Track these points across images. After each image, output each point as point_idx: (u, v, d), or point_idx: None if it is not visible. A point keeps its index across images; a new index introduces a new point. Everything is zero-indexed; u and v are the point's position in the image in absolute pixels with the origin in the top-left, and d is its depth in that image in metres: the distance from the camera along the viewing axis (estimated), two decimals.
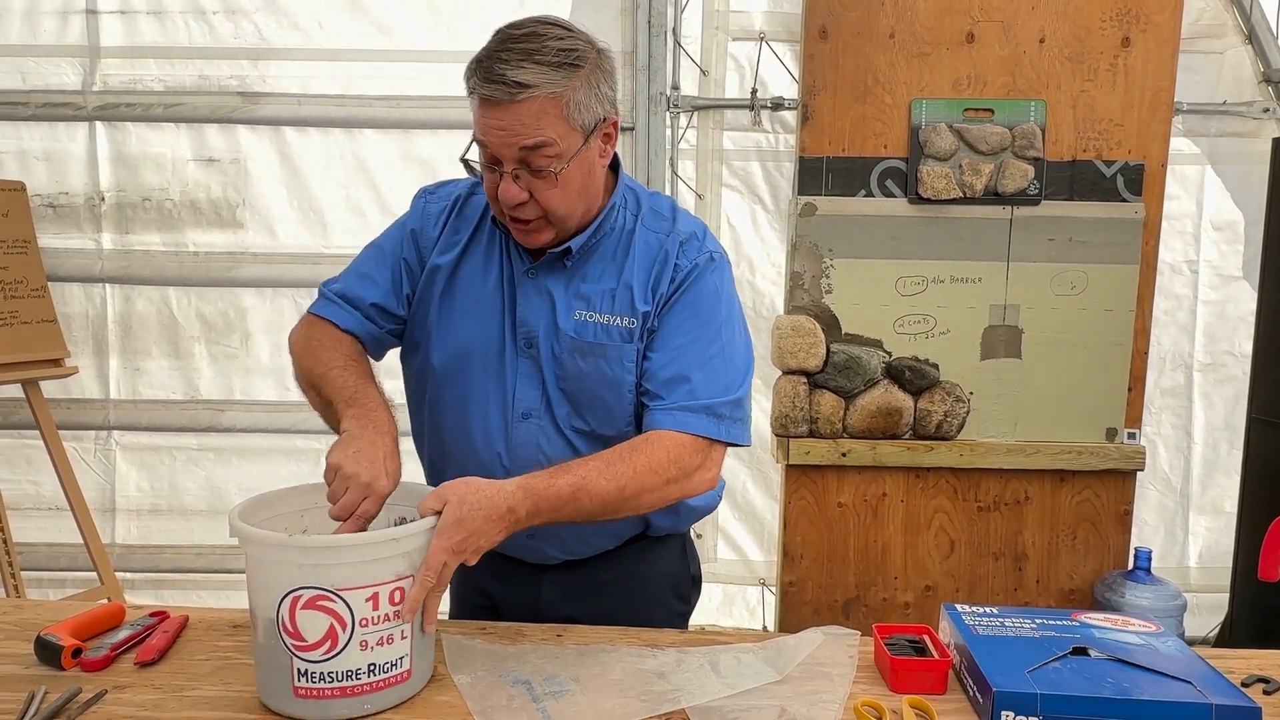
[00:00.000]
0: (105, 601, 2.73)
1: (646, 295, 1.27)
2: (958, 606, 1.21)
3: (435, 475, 1.39)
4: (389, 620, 1.04)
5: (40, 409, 2.74)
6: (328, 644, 1.02)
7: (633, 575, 1.36)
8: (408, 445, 1.33)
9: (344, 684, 1.03)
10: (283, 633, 1.02)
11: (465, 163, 1.24)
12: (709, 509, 1.46)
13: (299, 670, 1.02)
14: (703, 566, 1.58)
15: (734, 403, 1.27)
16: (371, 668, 1.04)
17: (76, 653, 1.14)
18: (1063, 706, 0.97)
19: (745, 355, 1.32)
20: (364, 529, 1.11)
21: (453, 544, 1.06)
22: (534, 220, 1.21)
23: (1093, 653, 1.07)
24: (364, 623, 1.02)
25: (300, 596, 1.00)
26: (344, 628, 1.02)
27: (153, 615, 1.26)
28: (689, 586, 1.51)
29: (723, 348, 1.28)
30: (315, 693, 1.03)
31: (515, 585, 1.41)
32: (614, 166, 1.34)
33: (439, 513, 1.07)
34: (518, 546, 1.31)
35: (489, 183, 1.21)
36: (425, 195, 1.40)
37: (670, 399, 1.24)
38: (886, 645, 1.15)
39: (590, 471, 1.16)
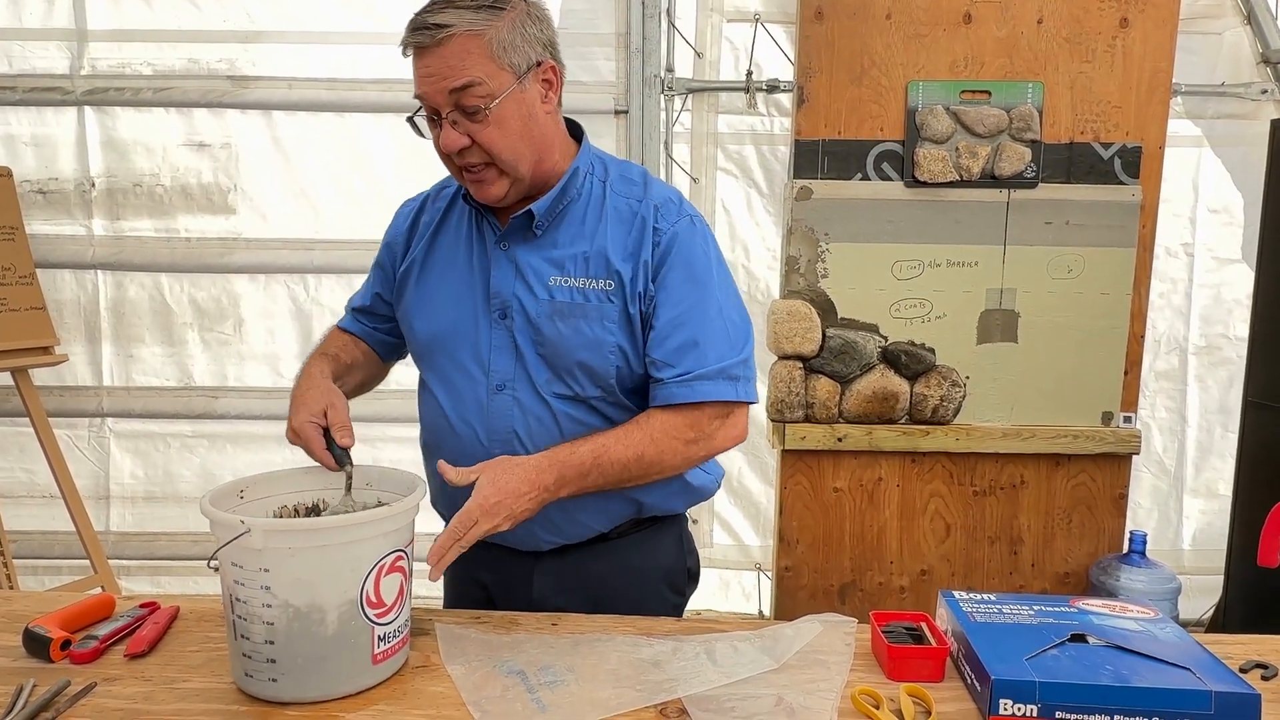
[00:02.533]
0: (99, 590, 2.75)
1: (626, 258, 1.28)
2: (955, 593, 1.20)
3: (429, 460, 1.40)
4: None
5: (30, 397, 2.72)
6: (399, 602, 1.10)
7: (626, 567, 1.36)
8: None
9: (403, 632, 1.12)
10: (365, 607, 1.05)
11: (411, 121, 1.26)
12: (707, 493, 1.46)
13: (379, 637, 1.07)
14: (699, 551, 1.57)
15: (744, 361, 1.30)
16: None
17: (65, 645, 1.13)
18: (1062, 694, 0.96)
19: (742, 312, 1.35)
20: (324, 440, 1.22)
21: (488, 503, 1.14)
22: (480, 167, 1.23)
23: (1091, 639, 1.07)
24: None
25: (386, 563, 1.06)
26: (407, 579, 1.12)
27: (143, 606, 1.25)
28: (684, 579, 1.49)
29: (721, 308, 1.30)
30: (390, 651, 1.09)
31: (509, 575, 1.40)
32: (577, 135, 1.37)
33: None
34: (511, 534, 1.29)
35: (435, 139, 1.24)
36: (401, 207, 1.48)
37: (682, 366, 1.26)
38: (884, 633, 1.14)
39: (608, 439, 1.24)
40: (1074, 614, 1.14)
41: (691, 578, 1.51)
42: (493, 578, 1.42)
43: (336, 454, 1.22)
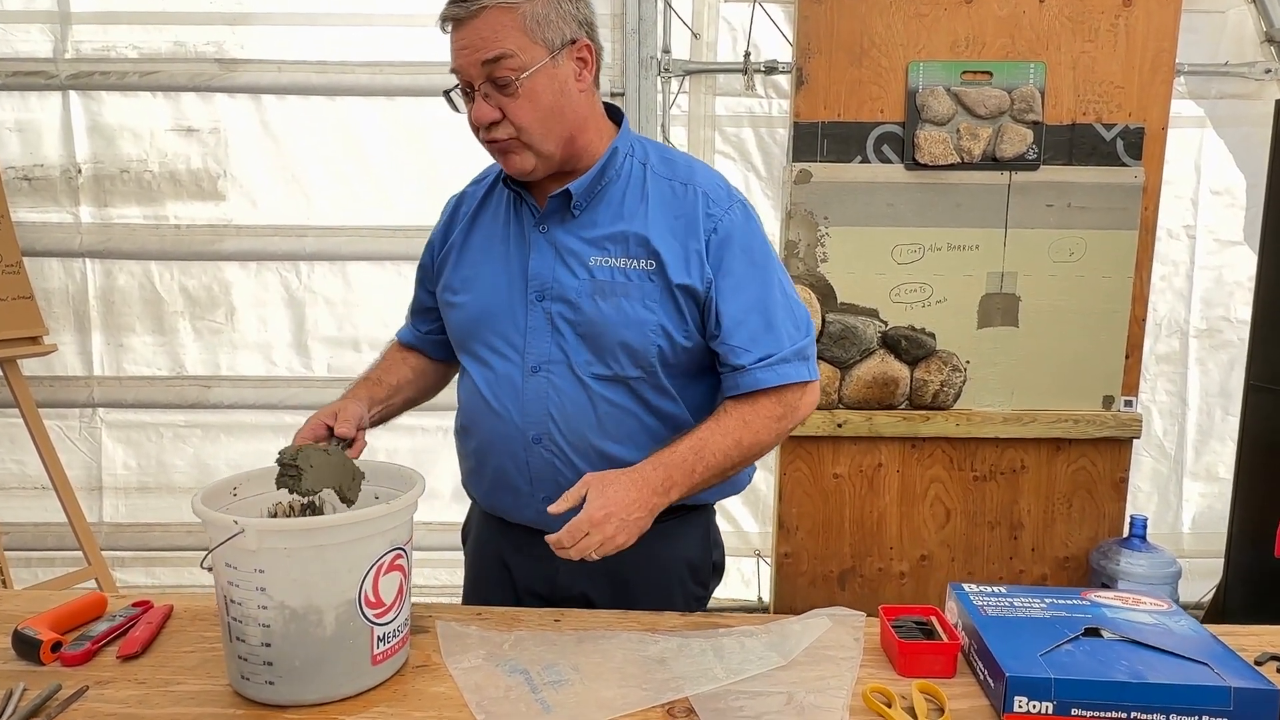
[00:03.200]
0: (93, 583, 2.73)
1: (669, 239, 1.28)
2: (965, 586, 1.18)
3: (463, 444, 1.42)
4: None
5: (19, 387, 2.67)
6: (398, 601, 1.07)
7: (652, 557, 1.32)
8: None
9: (403, 631, 1.10)
10: (364, 607, 1.02)
11: (447, 95, 1.26)
12: (740, 485, 1.45)
13: (379, 637, 1.05)
14: None
15: (813, 340, 1.35)
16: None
17: (56, 646, 1.10)
18: (1077, 691, 0.94)
19: (796, 293, 1.38)
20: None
21: (597, 516, 1.14)
22: (508, 140, 1.23)
23: (1105, 634, 1.05)
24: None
25: (384, 562, 1.04)
26: (407, 577, 1.09)
27: (136, 605, 1.23)
28: (709, 572, 1.47)
29: (784, 290, 1.33)
30: (390, 651, 1.07)
31: (533, 557, 1.37)
32: (616, 119, 1.37)
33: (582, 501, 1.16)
34: (534, 514, 1.32)
35: (468, 113, 1.24)
36: (445, 204, 1.49)
37: (760, 351, 1.28)
38: (894, 628, 1.12)
39: (704, 432, 1.26)
40: (1087, 607, 1.12)
41: (716, 571, 1.50)
42: (518, 559, 1.41)
43: (333, 441, 1.21)
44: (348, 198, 2.90)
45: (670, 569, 1.39)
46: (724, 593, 3.17)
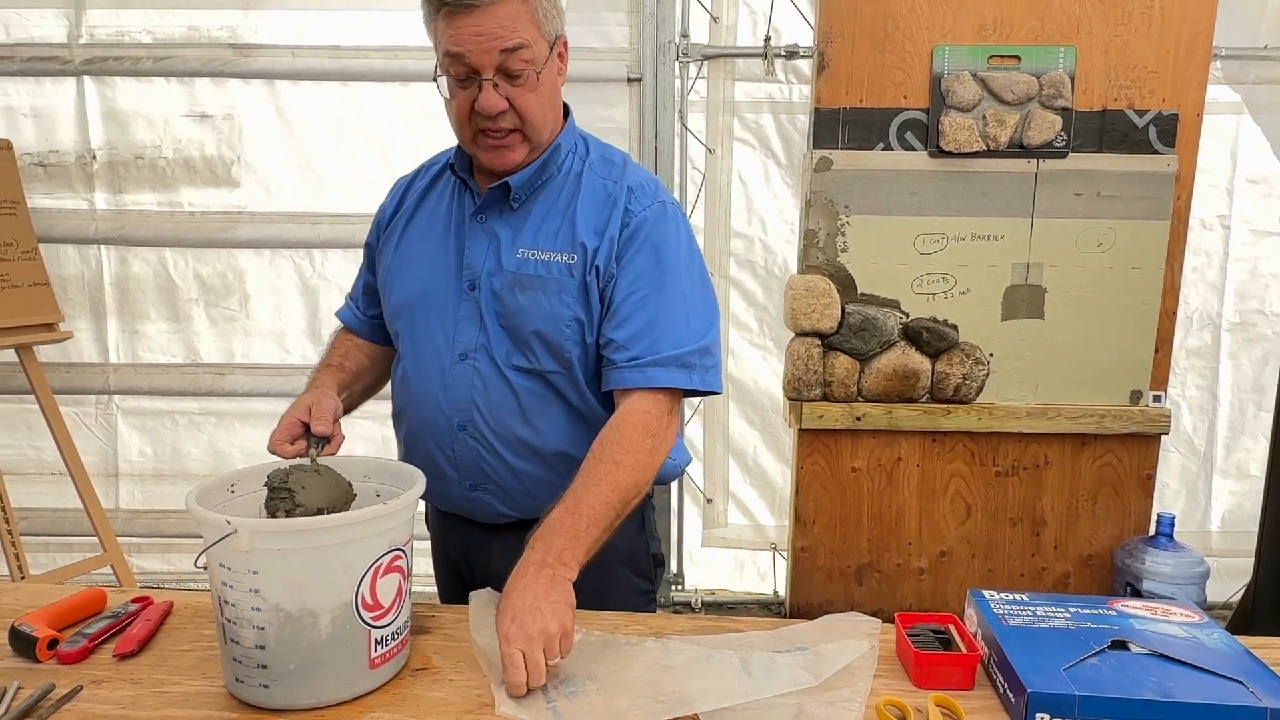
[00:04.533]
0: (109, 570, 2.73)
1: (591, 235, 1.28)
2: (985, 593, 1.14)
3: (400, 427, 1.42)
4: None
5: (35, 374, 2.68)
6: (397, 603, 1.04)
7: None
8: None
9: (402, 633, 1.07)
10: (361, 610, 1.00)
11: (438, 83, 1.25)
12: (670, 477, 1.43)
13: (376, 640, 1.02)
14: (714, 531, 1.54)
15: (702, 350, 1.28)
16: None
17: (53, 644, 1.08)
18: (1103, 709, 0.90)
19: (709, 301, 1.33)
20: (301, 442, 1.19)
21: (510, 634, 1.03)
22: (510, 133, 1.24)
23: (1133, 646, 1.00)
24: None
25: (382, 564, 1.01)
26: (406, 579, 1.07)
27: (135, 601, 1.21)
28: (648, 563, 1.48)
29: (685, 296, 1.29)
30: (388, 654, 1.04)
31: (473, 546, 1.41)
32: (565, 112, 1.37)
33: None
34: (468, 504, 1.34)
35: (461, 101, 1.22)
36: (394, 184, 1.49)
37: (636, 350, 1.25)
38: (910, 636, 1.08)
39: (576, 488, 1.18)
40: (1113, 618, 1.07)
41: (657, 562, 1.50)
42: (459, 550, 1.43)
43: (310, 441, 1.18)
44: (361, 185, 2.88)
45: (606, 559, 1.34)
46: (740, 586, 3.14)
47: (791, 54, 2.73)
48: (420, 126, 2.83)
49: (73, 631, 1.13)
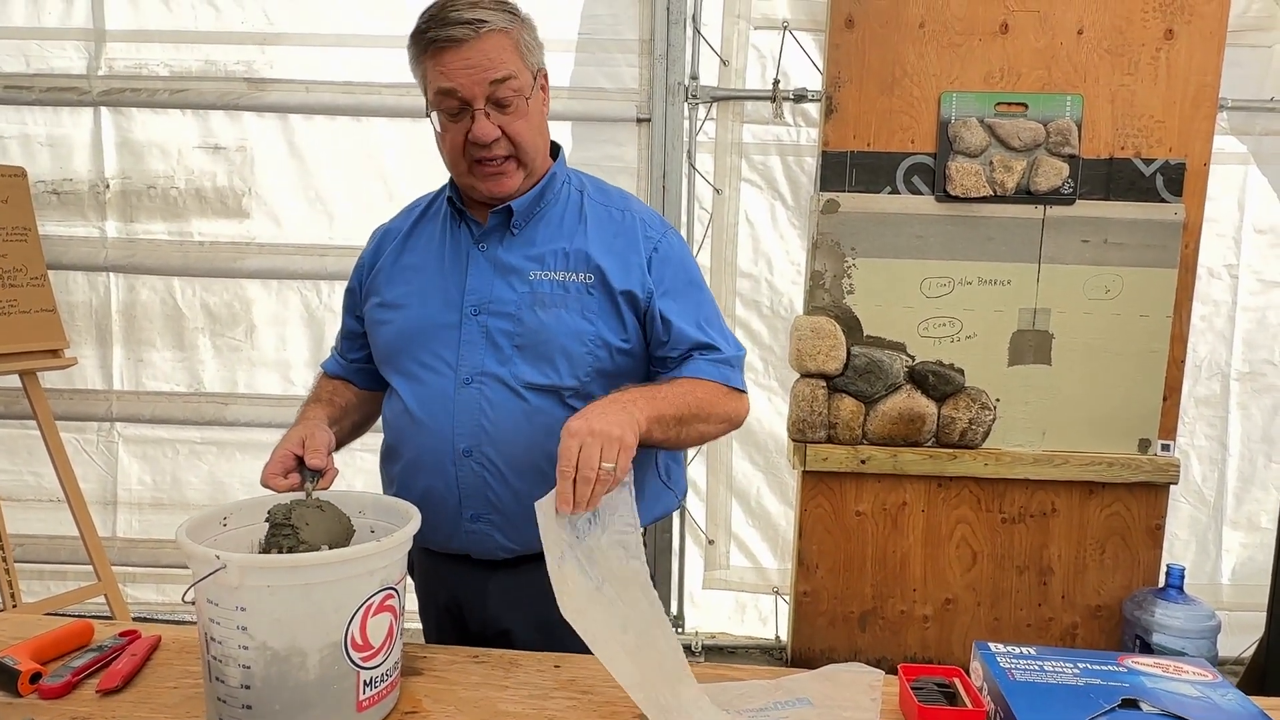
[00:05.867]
0: (103, 599, 2.70)
1: (609, 255, 1.32)
2: (991, 646, 1.11)
3: (388, 467, 1.41)
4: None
5: (38, 400, 2.67)
6: (388, 643, 1.02)
7: None
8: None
9: (392, 675, 1.05)
10: (350, 650, 0.97)
11: (431, 118, 1.30)
12: (669, 508, 1.48)
13: (365, 681, 1.00)
14: (715, 573, 1.53)
15: (741, 356, 1.40)
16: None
17: (35, 677, 1.06)
18: None
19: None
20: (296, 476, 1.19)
21: (579, 430, 1.09)
22: (506, 160, 1.28)
23: (1144, 706, 0.97)
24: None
25: (374, 603, 0.99)
26: (398, 618, 1.04)
27: (122, 635, 1.18)
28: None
29: (715, 307, 1.41)
30: (377, 697, 1.02)
31: (467, 588, 1.39)
32: (553, 153, 1.42)
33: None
34: (467, 538, 1.33)
35: (455, 134, 1.27)
36: (373, 232, 1.52)
37: (704, 345, 1.35)
38: (914, 689, 1.05)
39: (654, 383, 1.29)
40: (1124, 674, 1.04)
41: None
42: (449, 595, 1.41)
43: (304, 475, 1.17)
44: (370, 218, 2.84)
45: None
46: (741, 630, 3.09)
47: (800, 97, 2.76)
48: (428, 162, 2.82)
49: (57, 665, 1.10)
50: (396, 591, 1.03)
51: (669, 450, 1.40)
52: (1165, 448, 2.51)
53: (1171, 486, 2.54)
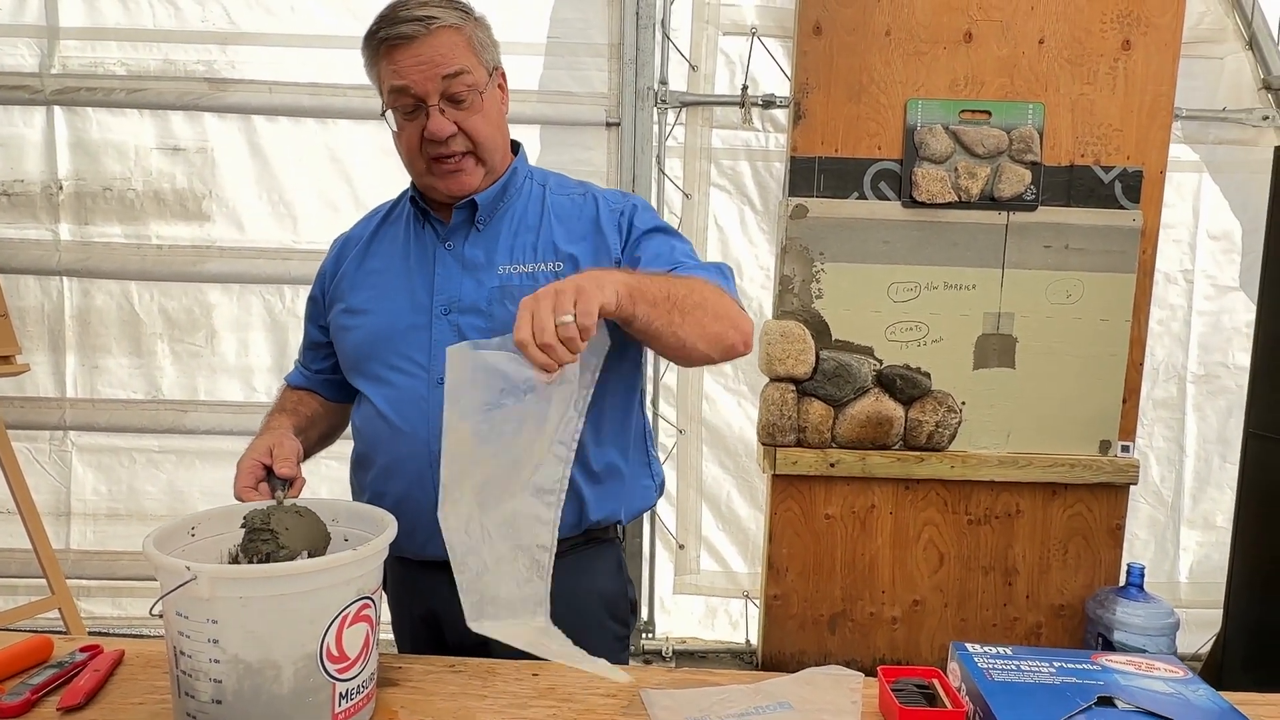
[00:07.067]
0: (56, 614, 2.62)
1: (576, 241, 1.31)
2: (968, 646, 1.12)
3: (360, 476, 1.38)
4: None
5: None
6: (364, 654, 1.00)
7: (566, 591, 1.25)
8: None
9: (368, 686, 1.02)
10: (325, 662, 0.94)
11: (385, 117, 1.29)
12: (648, 502, 1.45)
13: (341, 694, 0.97)
14: (685, 577, 1.52)
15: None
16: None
17: None
18: None
19: None
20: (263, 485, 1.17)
21: (528, 299, 1.04)
22: (463, 155, 1.27)
23: (1119, 703, 0.98)
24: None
25: (349, 613, 0.96)
26: (374, 628, 1.02)
27: (84, 651, 1.14)
28: (626, 609, 1.44)
29: (694, 252, 1.37)
30: (353, 709, 0.99)
31: (444, 597, 1.31)
32: (513, 147, 1.41)
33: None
34: (437, 545, 1.24)
35: (410, 133, 1.26)
36: (333, 241, 1.50)
37: (688, 267, 1.30)
38: (894, 691, 1.05)
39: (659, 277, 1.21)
40: (1098, 673, 1.05)
41: (633, 609, 1.48)
42: (424, 607, 1.37)
43: (274, 484, 1.15)
44: (335, 222, 2.84)
45: (585, 605, 1.34)
46: (711, 635, 3.08)
47: (769, 103, 2.77)
48: (395, 165, 2.78)
49: (15, 682, 1.06)
50: (373, 601, 1.01)
51: (671, 349, 1.22)
52: (1125, 449, 2.57)
53: (1131, 487, 2.59)
